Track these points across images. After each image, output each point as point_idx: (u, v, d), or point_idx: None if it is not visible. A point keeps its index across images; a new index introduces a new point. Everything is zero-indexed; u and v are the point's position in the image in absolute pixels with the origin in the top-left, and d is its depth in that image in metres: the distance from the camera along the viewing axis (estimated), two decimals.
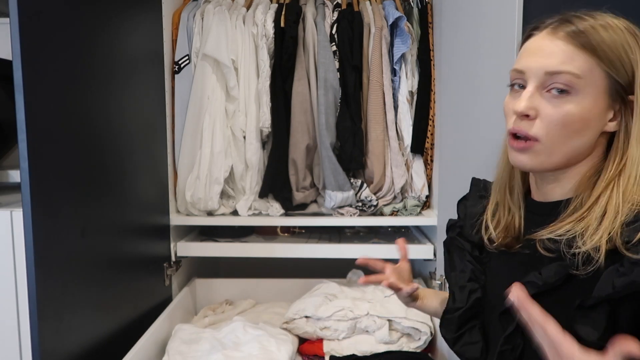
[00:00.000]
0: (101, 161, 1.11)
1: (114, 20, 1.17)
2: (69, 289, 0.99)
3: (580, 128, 0.67)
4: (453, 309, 0.84)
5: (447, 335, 0.85)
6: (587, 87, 0.65)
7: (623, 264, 0.60)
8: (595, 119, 0.67)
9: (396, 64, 1.58)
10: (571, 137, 0.67)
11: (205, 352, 1.26)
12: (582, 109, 0.66)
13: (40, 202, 0.87)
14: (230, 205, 1.62)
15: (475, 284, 0.83)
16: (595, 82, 0.66)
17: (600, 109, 0.66)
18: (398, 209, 1.61)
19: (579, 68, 0.65)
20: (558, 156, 0.69)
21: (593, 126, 0.67)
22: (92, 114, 1.07)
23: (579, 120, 0.66)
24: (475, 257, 0.86)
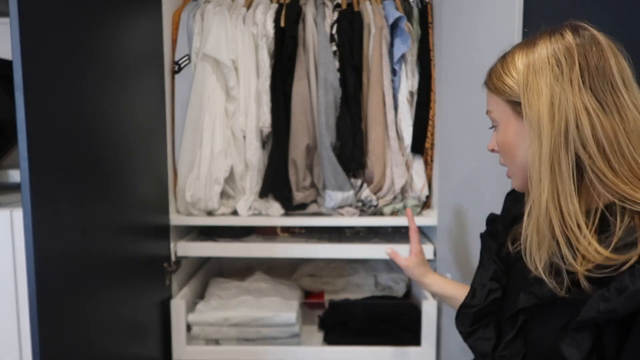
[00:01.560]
0: (101, 161, 1.11)
1: (114, 20, 1.17)
2: (69, 289, 0.98)
3: (510, 149, 0.77)
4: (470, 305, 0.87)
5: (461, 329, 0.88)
6: (500, 117, 0.78)
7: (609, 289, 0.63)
8: (515, 139, 0.75)
9: (396, 64, 1.58)
10: (511, 158, 0.78)
11: (235, 294, 1.67)
12: (501, 134, 0.78)
13: (40, 202, 0.87)
14: (230, 205, 1.62)
15: (496, 283, 0.86)
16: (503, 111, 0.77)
17: (514, 129, 0.75)
18: (398, 209, 1.61)
19: (491, 105, 0.79)
20: (519, 176, 0.78)
21: (519, 145, 0.75)
22: (92, 114, 1.07)
23: (504, 144, 0.78)
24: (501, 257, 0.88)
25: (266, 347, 1.52)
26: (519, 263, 0.82)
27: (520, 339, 0.77)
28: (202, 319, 1.53)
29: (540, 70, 0.70)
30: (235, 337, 1.53)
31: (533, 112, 0.70)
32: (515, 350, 0.77)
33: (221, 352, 1.53)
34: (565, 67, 0.68)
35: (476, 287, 0.89)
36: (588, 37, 0.70)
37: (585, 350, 0.65)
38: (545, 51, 0.71)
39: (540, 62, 0.71)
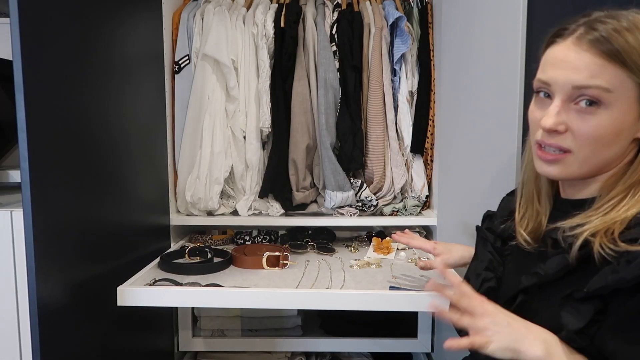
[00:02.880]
0: (101, 161, 1.11)
1: (114, 20, 1.17)
2: (69, 289, 0.98)
3: (612, 140, 0.66)
4: None
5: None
6: (618, 99, 0.63)
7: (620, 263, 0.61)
8: (627, 129, 0.65)
9: (396, 64, 1.58)
10: (603, 149, 0.66)
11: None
12: (613, 121, 0.64)
13: (40, 202, 0.87)
14: (230, 205, 1.62)
15: (490, 273, 0.85)
16: (627, 93, 0.63)
17: (632, 119, 0.65)
18: (398, 209, 1.61)
19: (609, 82, 0.63)
20: (589, 166, 0.68)
21: (625, 136, 0.66)
22: (92, 114, 1.07)
23: (610, 133, 0.65)
24: (497, 248, 0.88)
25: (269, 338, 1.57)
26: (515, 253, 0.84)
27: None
28: (209, 311, 1.57)
29: None
30: (239, 328, 1.57)
31: None
32: None
33: (225, 343, 1.57)
34: None
35: (470, 276, 0.89)
36: None
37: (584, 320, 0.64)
38: None
39: None
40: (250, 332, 1.59)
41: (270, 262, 1.35)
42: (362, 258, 1.46)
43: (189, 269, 1.31)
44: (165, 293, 1.14)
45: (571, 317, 0.65)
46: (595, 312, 0.63)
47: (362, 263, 1.40)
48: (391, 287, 1.21)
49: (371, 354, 1.73)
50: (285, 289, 1.19)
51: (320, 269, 1.36)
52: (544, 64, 0.71)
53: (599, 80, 0.63)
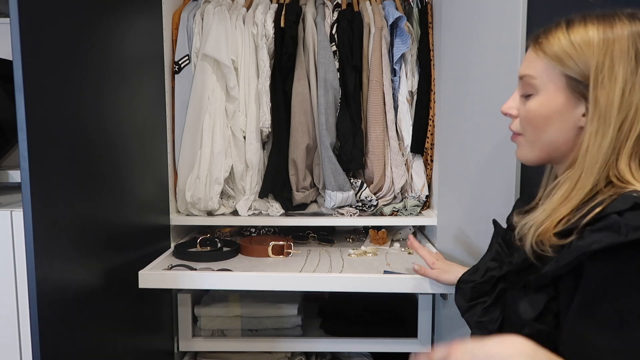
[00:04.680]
0: (101, 161, 1.11)
1: (114, 20, 1.17)
2: (70, 289, 0.98)
3: (543, 122, 0.74)
4: (468, 280, 0.92)
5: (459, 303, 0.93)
6: (544, 85, 0.73)
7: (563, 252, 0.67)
8: (557, 114, 0.73)
9: (396, 64, 1.58)
10: (540, 131, 0.75)
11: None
12: (540, 105, 0.74)
13: (40, 202, 0.87)
14: (230, 205, 1.62)
15: (495, 263, 0.90)
16: (553, 81, 0.72)
17: (560, 104, 0.72)
18: (398, 209, 1.61)
19: (535, 70, 0.74)
20: (537, 149, 0.77)
21: (557, 120, 0.73)
22: (92, 114, 1.07)
23: (540, 115, 0.74)
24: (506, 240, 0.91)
25: (269, 338, 1.57)
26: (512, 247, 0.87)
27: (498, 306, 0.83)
28: (208, 311, 1.58)
29: (619, 56, 0.67)
30: (239, 328, 1.58)
31: (603, 98, 0.68)
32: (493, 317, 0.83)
33: (225, 343, 1.58)
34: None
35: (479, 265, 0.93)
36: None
37: (538, 309, 0.70)
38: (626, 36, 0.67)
39: (619, 46, 0.67)
40: (250, 332, 1.59)
41: (275, 250, 1.48)
42: (359, 248, 1.59)
43: (201, 257, 1.44)
44: (182, 276, 1.30)
45: (527, 307, 0.71)
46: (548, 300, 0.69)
47: (360, 252, 1.54)
48: (385, 271, 1.34)
49: (371, 354, 1.74)
50: (289, 272, 1.32)
51: (321, 257, 1.50)
52: None
53: (530, 70, 0.75)
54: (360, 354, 1.73)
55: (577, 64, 0.69)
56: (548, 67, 0.72)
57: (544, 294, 0.70)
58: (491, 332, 0.82)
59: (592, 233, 0.63)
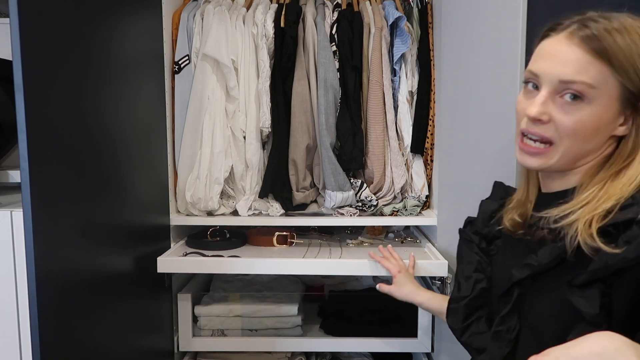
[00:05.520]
0: (101, 161, 1.11)
1: (114, 20, 1.17)
2: (69, 289, 0.98)
3: (591, 134, 0.69)
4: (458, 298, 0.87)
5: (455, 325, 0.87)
6: (600, 96, 0.67)
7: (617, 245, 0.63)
8: (606, 125, 0.69)
9: (396, 64, 1.58)
10: (582, 142, 0.70)
11: (239, 287, 1.72)
12: (593, 116, 0.68)
13: (40, 202, 0.87)
14: (230, 205, 1.62)
15: (480, 274, 0.87)
16: (609, 91, 0.67)
17: (611, 116, 0.68)
18: (398, 209, 1.61)
19: (594, 78, 0.66)
20: (567, 159, 0.72)
21: (603, 131, 0.69)
22: (92, 114, 1.07)
23: (590, 127, 0.68)
24: (482, 249, 0.89)
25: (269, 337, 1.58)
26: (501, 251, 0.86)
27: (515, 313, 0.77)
28: (209, 311, 1.58)
29: None
30: (239, 328, 1.59)
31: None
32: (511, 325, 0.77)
33: (226, 343, 1.58)
34: None
35: (460, 280, 0.89)
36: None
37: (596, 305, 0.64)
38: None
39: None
40: (250, 332, 1.59)
41: (279, 240, 1.60)
42: (357, 238, 1.70)
43: (211, 246, 1.56)
44: (196, 262, 1.45)
45: (585, 303, 0.65)
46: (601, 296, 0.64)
47: (357, 242, 1.66)
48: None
49: (371, 354, 1.74)
50: (293, 258, 1.46)
51: (322, 246, 1.62)
52: (535, 56, 0.74)
53: (584, 76, 0.66)
54: (360, 354, 1.74)
55: (637, 73, 0.66)
56: (608, 76, 0.66)
57: (595, 290, 0.65)
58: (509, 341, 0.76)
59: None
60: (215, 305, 1.59)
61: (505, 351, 0.75)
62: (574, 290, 0.66)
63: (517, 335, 0.76)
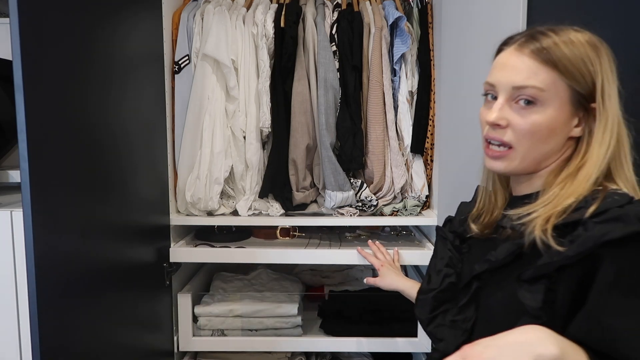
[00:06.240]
0: (101, 161, 1.11)
1: (114, 20, 1.17)
2: (69, 289, 0.99)
3: (547, 135, 0.75)
4: (427, 290, 0.93)
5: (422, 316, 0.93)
6: (550, 98, 0.73)
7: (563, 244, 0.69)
8: (560, 127, 0.75)
9: (396, 64, 1.58)
10: (540, 144, 0.76)
11: (239, 287, 1.74)
12: (547, 118, 0.74)
13: (40, 202, 0.87)
14: (230, 205, 1.62)
15: (450, 269, 0.92)
16: (559, 94, 0.73)
17: (564, 117, 0.74)
18: (398, 209, 1.61)
19: (543, 82, 0.73)
20: (529, 161, 0.77)
21: (559, 133, 0.75)
22: (92, 114, 1.07)
23: (545, 129, 0.74)
24: (456, 246, 0.95)
25: (269, 337, 1.58)
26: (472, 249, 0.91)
27: (472, 305, 0.83)
28: (209, 311, 1.59)
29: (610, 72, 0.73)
30: (239, 328, 1.59)
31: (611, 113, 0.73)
32: (468, 315, 0.83)
33: (226, 343, 1.58)
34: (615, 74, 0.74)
35: (431, 273, 0.94)
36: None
37: (540, 298, 0.70)
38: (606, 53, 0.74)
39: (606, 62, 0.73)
40: (250, 332, 1.59)
41: (282, 233, 1.67)
42: (355, 231, 1.75)
43: (219, 238, 1.64)
44: (206, 252, 1.56)
45: (529, 296, 0.71)
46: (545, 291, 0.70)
47: (355, 235, 1.73)
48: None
49: (371, 354, 1.74)
50: (295, 248, 1.56)
51: (322, 238, 1.69)
52: (491, 69, 0.81)
53: (534, 81, 0.73)
54: (360, 354, 1.74)
55: (585, 79, 0.72)
56: (556, 80, 0.73)
57: (541, 285, 0.70)
58: (465, 330, 0.82)
59: (598, 225, 0.66)
60: (215, 305, 1.60)
61: (460, 340, 0.80)
62: (522, 284, 0.72)
63: (473, 326, 0.82)
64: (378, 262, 1.41)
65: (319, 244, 1.61)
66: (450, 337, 0.84)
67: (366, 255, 1.46)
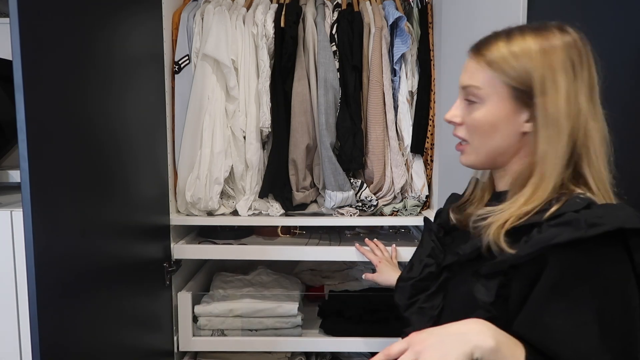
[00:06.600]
0: (101, 161, 1.11)
1: (114, 20, 1.17)
2: (69, 289, 0.99)
3: (490, 130, 0.79)
4: (407, 278, 0.97)
5: (400, 302, 0.97)
6: (488, 95, 0.78)
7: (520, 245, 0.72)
8: (502, 122, 0.78)
9: (396, 64, 1.58)
10: (486, 138, 0.80)
11: (239, 287, 1.73)
12: (487, 113, 0.78)
13: (40, 202, 0.87)
14: (230, 205, 1.62)
15: (432, 259, 0.95)
16: (496, 91, 0.77)
17: (505, 113, 0.78)
18: (398, 209, 1.61)
19: (480, 81, 0.79)
20: (483, 155, 0.82)
21: (502, 128, 0.78)
22: (92, 114, 1.07)
23: (486, 124, 0.79)
24: (439, 238, 0.98)
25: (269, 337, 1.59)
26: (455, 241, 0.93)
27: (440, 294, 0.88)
28: (209, 310, 1.59)
29: (559, 69, 0.74)
30: (239, 328, 1.59)
31: (551, 107, 0.74)
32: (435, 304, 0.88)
33: (226, 343, 1.59)
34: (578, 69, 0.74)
35: (414, 262, 0.98)
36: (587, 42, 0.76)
37: (492, 294, 0.75)
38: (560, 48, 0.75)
39: (557, 57, 0.74)
40: (250, 332, 1.59)
41: (283, 230, 1.69)
42: (354, 229, 1.77)
43: (221, 235, 1.68)
44: (210, 249, 1.59)
45: (483, 291, 0.76)
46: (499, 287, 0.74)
47: (354, 232, 1.75)
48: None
49: (371, 353, 1.74)
50: (296, 245, 1.59)
51: (322, 235, 1.71)
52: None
53: (473, 81, 0.80)
54: (360, 354, 1.74)
55: (519, 74, 0.75)
56: (492, 78, 0.77)
57: (496, 281, 0.75)
58: (431, 317, 0.87)
59: (551, 228, 0.69)
60: (215, 305, 1.60)
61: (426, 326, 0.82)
62: (479, 279, 0.76)
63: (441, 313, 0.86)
64: (376, 259, 1.43)
65: (319, 242, 1.63)
66: (417, 322, 0.88)
67: (364, 251, 1.48)
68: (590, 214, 0.68)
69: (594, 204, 0.72)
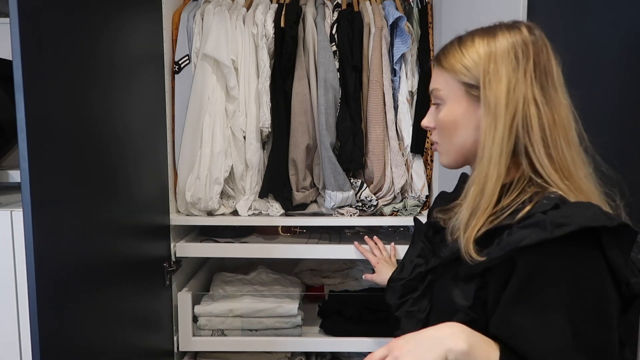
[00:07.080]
0: (101, 161, 1.11)
1: (114, 20, 1.17)
2: (69, 289, 0.99)
3: (452, 128, 0.83)
4: (398, 278, 0.98)
5: (391, 302, 0.99)
6: (447, 95, 0.83)
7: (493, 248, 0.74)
8: (461, 118, 0.82)
9: (396, 64, 1.58)
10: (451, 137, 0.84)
11: (239, 287, 1.74)
12: (447, 112, 0.83)
13: (40, 202, 0.87)
14: (230, 205, 1.62)
15: (421, 260, 0.96)
16: (453, 90, 0.82)
17: (462, 109, 0.81)
18: (398, 209, 1.61)
19: (439, 84, 0.84)
20: (452, 154, 0.86)
21: (463, 124, 0.82)
22: (92, 114, 1.07)
23: (448, 122, 0.83)
24: (428, 237, 0.99)
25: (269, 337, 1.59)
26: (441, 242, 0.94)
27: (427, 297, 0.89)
28: (209, 310, 1.59)
29: (501, 60, 0.77)
30: (239, 328, 1.60)
31: (492, 97, 0.76)
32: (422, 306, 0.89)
33: (226, 343, 1.59)
34: (522, 60, 0.76)
35: (405, 262, 1.00)
36: (539, 37, 0.79)
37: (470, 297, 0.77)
38: (506, 43, 0.78)
39: (501, 51, 0.78)
40: (250, 332, 1.59)
41: (284, 229, 1.71)
42: (353, 228, 1.78)
43: (223, 234, 1.69)
44: (211, 247, 1.61)
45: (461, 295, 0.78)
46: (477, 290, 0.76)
47: (354, 231, 1.77)
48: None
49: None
50: (297, 244, 1.61)
51: (322, 234, 1.73)
52: None
53: (435, 84, 0.86)
54: (360, 354, 1.73)
55: (470, 71, 0.79)
56: (448, 79, 0.82)
57: (473, 285, 0.77)
58: (419, 320, 0.88)
59: (520, 230, 0.71)
60: (215, 305, 1.60)
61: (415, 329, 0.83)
62: (458, 283, 0.78)
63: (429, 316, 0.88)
64: (374, 259, 1.44)
65: (319, 240, 1.65)
66: (407, 325, 0.90)
67: (363, 251, 1.49)
68: (557, 215, 0.69)
69: (565, 203, 0.72)
